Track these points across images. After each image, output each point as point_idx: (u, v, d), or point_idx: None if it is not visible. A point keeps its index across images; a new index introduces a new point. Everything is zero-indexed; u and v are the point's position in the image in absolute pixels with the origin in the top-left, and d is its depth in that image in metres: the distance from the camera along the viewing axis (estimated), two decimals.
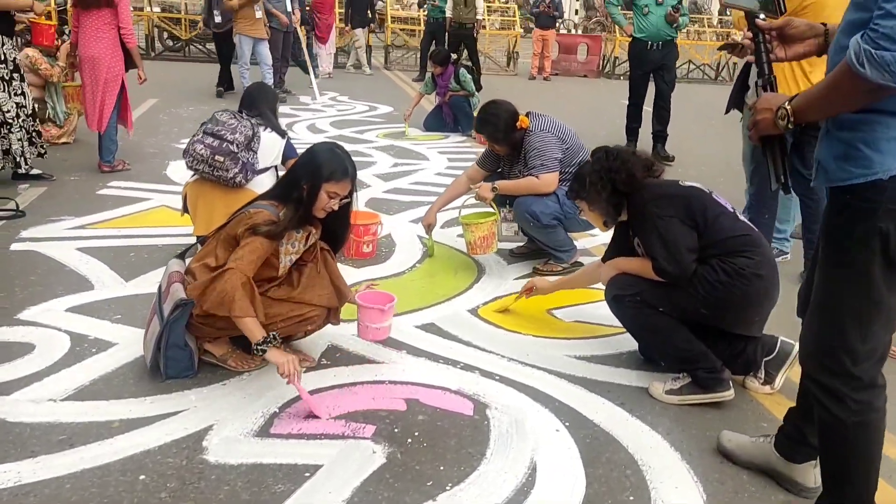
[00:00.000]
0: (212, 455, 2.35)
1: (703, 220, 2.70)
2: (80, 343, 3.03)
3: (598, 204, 2.88)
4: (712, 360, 2.76)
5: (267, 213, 2.68)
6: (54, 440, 2.38)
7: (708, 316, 2.75)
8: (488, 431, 2.55)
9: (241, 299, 2.54)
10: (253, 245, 2.63)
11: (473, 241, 3.89)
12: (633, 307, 2.82)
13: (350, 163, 2.79)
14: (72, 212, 4.72)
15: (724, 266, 2.66)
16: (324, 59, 12.53)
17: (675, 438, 2.56)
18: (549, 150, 3.83)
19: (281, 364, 2.52)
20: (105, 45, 5.57)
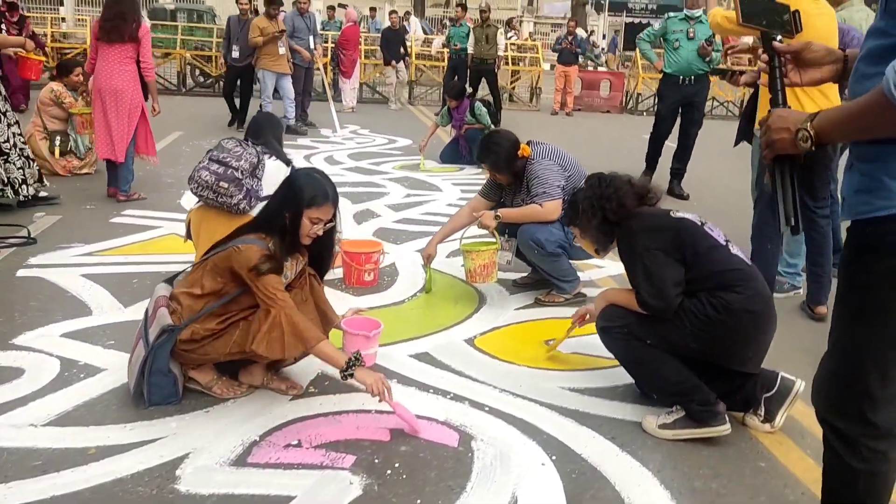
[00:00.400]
0: (183, 485, 2.30)
1: (693, 253, 2.62)
2: (70, 368, 3.02)
3: (589, 231, 2.83)
4: (706, 393, 2.65)
5: (257, 248, 2.64)
6: (29, 466, 2.35)
7: (698, 350, 2.65)
8: (471, 464, 2.46)
9: (308, 329, 2.58)
10: (273, 284, 2.61)
11: (473, 269, 3.83)
12: (621, 339, 2.75)
13: (330, 186, 2.76)
14: (83, 239, 4.75)
15: (713, 300, 2.57)
16: (347, 94, 12.68)
17: (666, 476, 2.45)
18: (552, 178, 3.78)
19: (371, 385, 2.54)
20: (128, 77, 5.69)
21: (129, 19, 5.59)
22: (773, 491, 2.42)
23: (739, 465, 2.54)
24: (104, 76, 5.68)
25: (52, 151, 6.73)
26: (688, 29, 6.89)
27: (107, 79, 5.67)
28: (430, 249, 4.08)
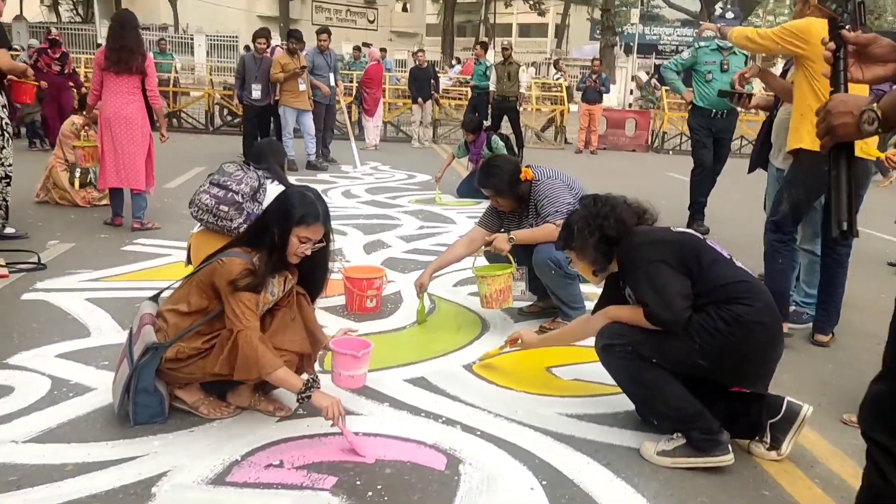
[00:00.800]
0: (158, 502, 2.23)
1: (697, 266, 2.52)
2: (60, 387, 2.98)
3: (586, 252, 2.72)
4: (709, 421, 2.52)
5: (240, 262, 2.60)
6: (3, 481, 2.30)
7: (706, 368, 2.52)
8: (456, 488, 2.36)
9: (265, 355, 2.52)
10: (244, 301, 2.57)
11: (489, 295, 3.73)
12: (623, 358, 2.62)
13: (322, 206, 2.70)
14: (92, 266, 4.77)
15: (722, 313, 2.46)
16: (370, 132, 12.78)
17: (662, 503, 2.32)
18: (561, 196, 3.71)
19: (326, 408, 2.49)
20: (137, 106, 5.77)
21: (136, 51, 5.68)
22: None
23: (740, 494, 2.40)
24: (114, 106, 5.74)
25: (72, 183, 6.84)
26: (721, 61, 6.58)
27: (117, 108, 5.74)
28: (422, 279, 3.94)
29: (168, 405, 2.74)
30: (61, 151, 6.87)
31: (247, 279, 2.56)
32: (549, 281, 3.79)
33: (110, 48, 5.68)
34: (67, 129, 6.91)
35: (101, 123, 5.83)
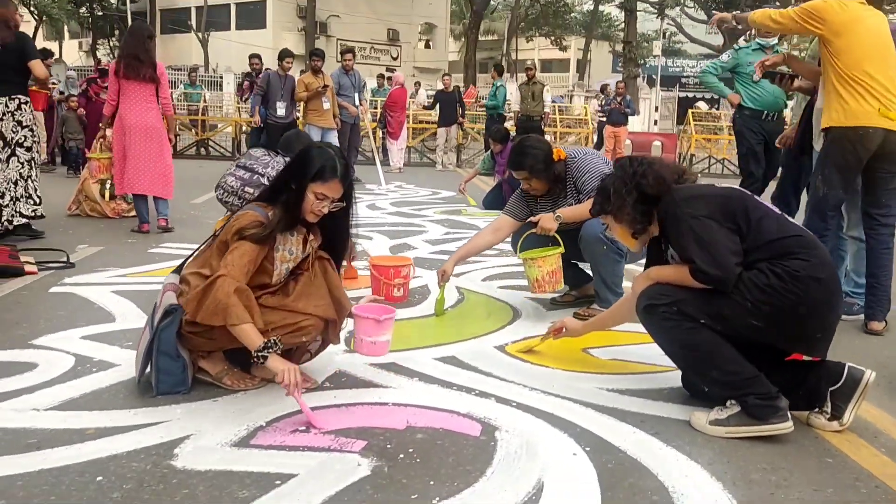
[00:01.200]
0: (180, 461, 2.12)
1: (746, 221, 2.36)
2: (83, 364, 2.90)
3: (624, 213, 2.55)
4: (765, 385, 2.34)
5: (253, 214, 2.52)
6: (23, 443, 2.21)
7: (761, 329, 2.34)
8: (493, 452, 2.22)
9: (236, 305, 2.36)
10: (242, 249, 2.46)
11: (540, 278, 3.57)
12: (667, 319, 2.44)
13: (342, 163, 2.57)
14: (120, 265, 4.73)
15: (776, 269, 2.29)
16: (395, 155, 12.79)
17: (718, 469, 2.15)
18: (602, 168, 3.60)
19: (280, 371, 2.31)
20: (155, 115, 5.92)
21: (143, 60, 5.79)
22: (842, 483, 2.10)
23: (802, 461, 2.23)
24: (134, 114, 5.84)
25: (103, 195, 6.86)
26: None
27: (137, 116, 5.84)
28: (445, 267, 3.79)
29: (191, 376, 2.64)
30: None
31: (254, 230, 2.47)
32: (597, 257, 3.61)
33: (120, 56, 5.90)
34: (101, 145, 6.97)
35: (119, 132, 5.91)
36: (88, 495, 1.92)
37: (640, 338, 3.38)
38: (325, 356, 2.94)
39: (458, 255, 3.89)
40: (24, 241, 5.31)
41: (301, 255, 2.65)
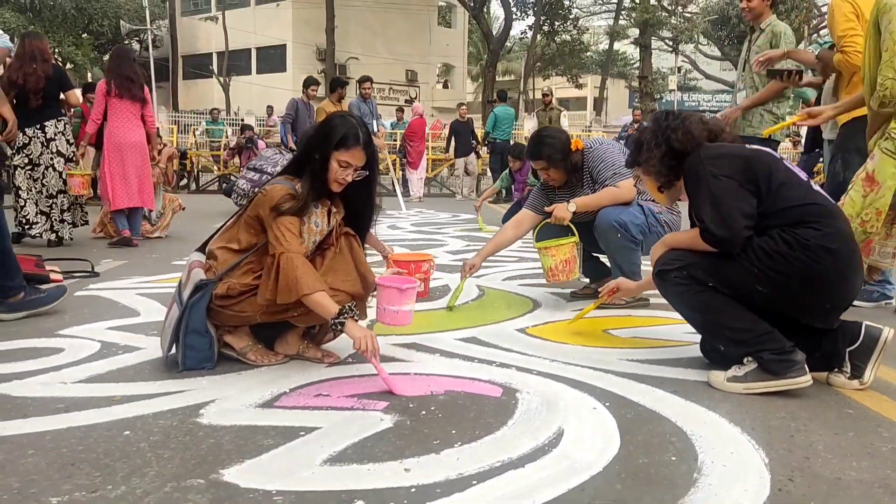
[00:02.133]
0: (205, 419, 2.15)
1: (767, 185, 2.35)
2: (110, 348, 2.96)
3: (652, 165, 2.56)
4: (780, 340, 2.34)
5: (282, 187, 2.57)
6: (51, 407, 2.26)
7: (766, 296, 2.34)
8: (514, 408, 2.23)
9: (305, 276, 2.42)
10: (285, 225, 2.52)
11: (554, 266, 3.60)
12: (678, 283, 2.46)
13: (364, 131, 2.62)
14: (144, 275, 4.81)
15: (786, 236, 2.29)
16: (414, 185, 12.92)
17: (737, 417, 2.15)
18: (618, 158, 3.62)
19: (358, 339, 2.39)
20: (142, 132, 6.27)
21: (135, 80, 6.17)
22: (864, 429, 2.09)
23: (822, 412, 2.22)
24: (124, 132, 6.19)
25: None
26: None
27: (126, 134, 6.19)
28: (473, 261, 3.84)
29: (217, 352, 2.68)
30: None
31: (289, 203, 2.52)
32: (611, 246, 3.64)
33: (113, 76, 6.17)
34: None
35: (115, 150, 6.19)
36: (116, 446, 1.95)
37: (659, 321, 3.42)
38: (348, 339, 2.96)
39: (485, 252, 3.92)
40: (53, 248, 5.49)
41: (326, 227, 2.69)
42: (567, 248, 3.58)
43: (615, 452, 1.89)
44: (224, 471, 1.78)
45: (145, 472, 1.77)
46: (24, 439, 1.99)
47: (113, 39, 31.77)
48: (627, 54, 49.04)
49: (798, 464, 1.83)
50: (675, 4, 31.96)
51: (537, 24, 32.87)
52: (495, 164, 12.36)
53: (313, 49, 33.96)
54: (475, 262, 3.83)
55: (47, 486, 1.70)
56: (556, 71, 40.47)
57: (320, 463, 1.83)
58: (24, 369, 2.64)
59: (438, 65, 42.46)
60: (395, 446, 1.94)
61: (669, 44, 34.75)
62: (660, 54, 38.14)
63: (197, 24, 36.55)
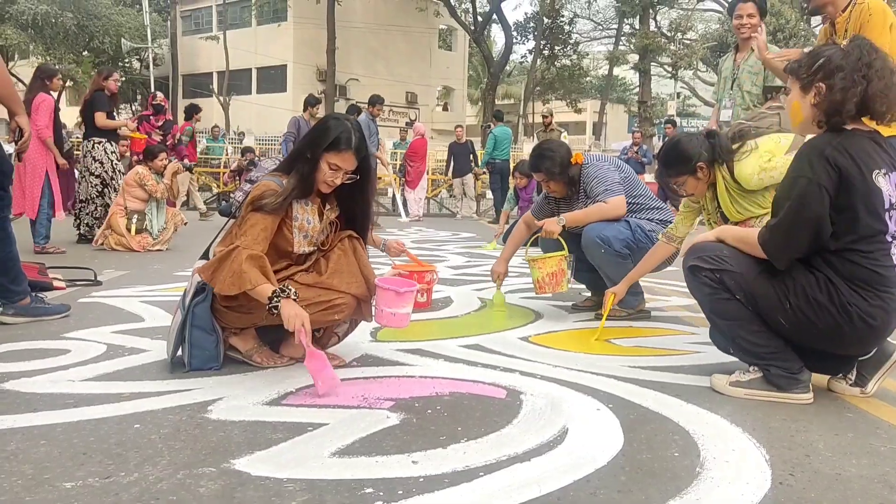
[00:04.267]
0: (214, 415, 2.18)
1: (868, 225, 2.15)
2: (116, 350, 2.99)
3: (838, 91, 2.18)
4: (790, 360, 2.35)
5: (268, 183, 2.59)
6: (60, 402, 2.28)
7: (786, 330, 2.30)
8: (519, 408, 2.26)
9: (250, 269, 2.42)
10: (253, 219, 2.53)
11: (541, 279, 3.65)
12: (707, 285, 2.39)
13: (357, 136, 2.62)
14: (146, 284, 4.84)
15: (832, 288, 2.18)
16: (412, 204, 12.96)
17: (738, 418, 2.19)
18: (610, 176, 3.69)
19: (289, 317, 2.35)
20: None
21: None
22: (862, 430, 2.13)
23: (822, 414, 2.26)
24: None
25: (129, 229, 7.03)
26: None
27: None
28: (497, 267, 3.96)
29: (223, 353, 2.71)
30: (122, 199, 7.12)
31: (268, 199, 2.54)
32: (599, 261, 3.71)
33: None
34: (131, 179, 7.17)
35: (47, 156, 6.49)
36: (127, 437, 1.98)
37: (661, 331, 3.46)
38: (352, 343, 3.01)
39: (504, 256, 4.01)
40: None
41: (319, 224, 2.72)
42: (554, 261, 3.65)
43: (619, 448, 1.92)
44: (234, 460, 1.81)
45: (157, 461, 1.80)
46: (35, 431, 2.01)
47: (114, 57, 32.00)
48: (627, 79, 49.43)
49: (798, 460, 1.87)
50: (674, 31, 32.34)
51: (537, 49, 33.22)
52: (495, 185, 12.41)
53: (314, 70, 34.20)
54: (501, 269, 3.94)
55: (60, 472, 1.73)
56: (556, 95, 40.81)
57: (329, 455, 1.86)
58: (31, 368, 2.67)
59: (438, 87, 42.77)
60: (402, 441, 1.97)
61: (669, 69, 35.06)
62: (659, 80, 38.43)
63: (198, 43, 36.80)
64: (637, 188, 3.76)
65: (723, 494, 1.64)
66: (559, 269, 3.63)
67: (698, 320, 3.74)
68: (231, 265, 2.43)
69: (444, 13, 32.52)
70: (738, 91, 4.67)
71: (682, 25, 32.57)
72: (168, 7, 35.18)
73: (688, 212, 3.32)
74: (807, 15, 4.78)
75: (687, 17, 33.79)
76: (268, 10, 35.94)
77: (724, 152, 3.00)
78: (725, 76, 4.81)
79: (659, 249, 3.37)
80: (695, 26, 34.85)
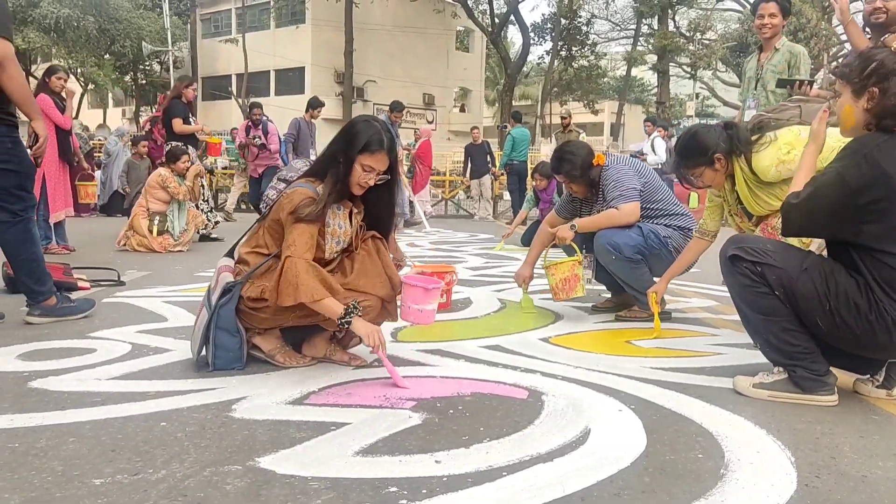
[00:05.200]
0: (238, 413, 2.21)
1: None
2: (141, 350, 3.02)
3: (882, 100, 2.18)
4: (819, 362, 2.32)
5: (304, 191, 2.62)
6: (87, 401, 2.32)
7: (822, 331, 2.28)
8: (540, 409, 2.27)
9: (307, 282, 2.46)
10: (300, 229, 2.57)
11: (555, 285, 3.68)
12: (746, 276, 2.35)
13: (388, 136, 2.66)
14: (168, 284, 4.89)
15: (872, 296, 2.16)
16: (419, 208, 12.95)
17: (762, 420, 2.18)
18: (627, 181, 3.67)
19: (366, 335, 2.46)
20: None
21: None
22: (889, 433, 2.11)
23: (847, 416, 2.24)
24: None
25: (151, 230, 7.11)
26: None
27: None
28: (522, 271, 3.97)
29: (246, 353, 2.73)
30: (145, 201, 7.20)
31: (308, 207, 2.56)
32: (612, 267, 3.71)
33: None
34: (154, 181, 7.25)
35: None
36: (154, 435, 2.00)
37: (681, 333, 3.45)
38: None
39: (528, 260, 4.01)
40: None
41: (349, 227, 2.74)
42: (566, 267, 3.65)
43: (642, 449, 1.92)
44: (260, 459, 1.83)
45: (184, 459, 1.82)
46: (63, 428, 2.05)
47: (134, 60, 32.31)
48: (645, 80, 49.25)
49: (824, 463, 1.86)
50: (693, 31, 32.15)
51: (555, 50, 33.13)
52: (513, 186, 12.38)
53: (332, 71, 34.33)
54: (526, 273, 3.95)
55: (89, 469, 1.75)
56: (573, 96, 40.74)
57: (352, 454, 1.87)
58: (58, 367, 2.71)
59: (455, 89, 42.80)
60: (425, 441, 1.98)
61: (687, 70, 34.87)
62: (677, 80, 38.26)
63: (217, 46, 37.06)
64: (658, 193, 3.72)
65: (748, 496, 1.63)
66: (572, 274, 3.64)
67: (720, 322, 3.73)
68: (286, 277, 2.47)
69: (462, 15, 32.52)
70: (761, 91, 4.65)
71: (702, 25, 32.35)
72: (188, 10, 35.41)
73: (713, 206, 3.33)
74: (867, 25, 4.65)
75: (706, 17, 33.58)
76: (286, 12, 36.10)
77: (742, 143, 2.99)
78: (749, 76, 4.79)
79: (693, 245, 3.44)
80: (714, 26, 34.60)
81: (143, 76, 37.08)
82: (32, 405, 2.24)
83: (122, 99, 42.49)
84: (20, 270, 3.49)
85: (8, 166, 3.33)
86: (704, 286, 5.07)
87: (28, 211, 3.46)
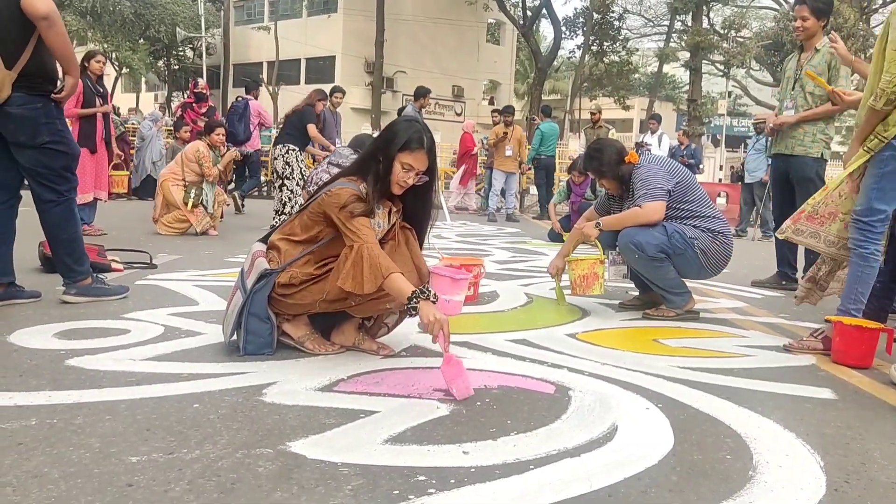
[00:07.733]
0: (268, 398, 2.24)
1: None
2: (173, 332, 3.07)
3: None
4: None
5: (349, 190, 2.64)
6: (122, 380, 2.37)
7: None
8: (567, 404, 2.28)
9: (386, 260, 2.48)
10: (360, 222, 2.57)
11: (574, 280, 3.71)
12: None
13: (427, 135, 2.68)
14: (199, 268, 4.96)
15: None
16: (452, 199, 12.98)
17: (791, 424, 2.17)
18: (655, 180, 3.65)
19: (429, 322, 2.35)
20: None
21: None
22: None
23: (878, 423, 2.23)
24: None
25: (186, 202, 7.16)
26: None
27: None
28: (556, 262, 3.99)
29: (276, 339, 2.77)
30: (180, 169, 7.23)
31: (358, 205, 2.58)
32: (636, 266, 3.72)
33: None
34: (191, 153, 7.28)
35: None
36: (187, 416, 2.05)
37: (709, 333, 3.43)
38: (401, 334, 3.05)
39: (563, 252, 4.03)
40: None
41: (387, 226, 2.77)
42: (587, 264, 3.68)
43: (669, 448, 1.92)
44: (290, 443, 1.86)
45: (217, 440, 1.86)
46: (100, 406, 2.10)
47: (168, 45, 32.63)
48: (676, 77, 48.75)
49: (854, 468, 1.85)
50: (727, 28, 31.72)
51: (586, 44, 32.87)
52: (540, 180, 12.34)
53: (362, 61, 34.41)
54: (559, 264, 3.97)
55: (126, 447, 1.80)
56: (604, 92, 40.48)
57: (381, 442, 1.90)
58: (94, 346, 2.77)
59: (485, 81, 42.65)
60: (453, 432, 2.00)
61: (720, 68, 34.44)
62: (710, 78, 37.82)
63: (250, 33, 37.30)
64: (690, 194, 3.68)
65: (776, 499, 1.63)
66: (591, 272, 3.65)
67: (747, 323, 3.71)
68: (370, 260, 2.46)
69: (494, 7, 32.34)
70: (799, 91, 4.60)
71: (736, 23, 31.90)
72: None
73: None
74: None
75: (741, 15, 33.11)
76: (318, 1, 36.25)
77: None
78: (789, 76, 4.74)
79: None
80: (749, 24, 34.07)
81: (177, 62, 37.44)
82: (70, 383, 2.30)
83: (157, 84, 42.94)
84: (61, 249, 3.57)
85: (59, 147, 3.42)
86: (733, 287, 5.04)
87: (72, 192, 3.55)
